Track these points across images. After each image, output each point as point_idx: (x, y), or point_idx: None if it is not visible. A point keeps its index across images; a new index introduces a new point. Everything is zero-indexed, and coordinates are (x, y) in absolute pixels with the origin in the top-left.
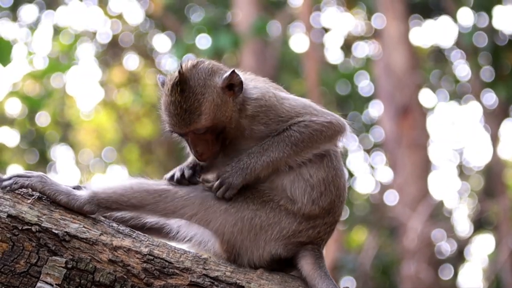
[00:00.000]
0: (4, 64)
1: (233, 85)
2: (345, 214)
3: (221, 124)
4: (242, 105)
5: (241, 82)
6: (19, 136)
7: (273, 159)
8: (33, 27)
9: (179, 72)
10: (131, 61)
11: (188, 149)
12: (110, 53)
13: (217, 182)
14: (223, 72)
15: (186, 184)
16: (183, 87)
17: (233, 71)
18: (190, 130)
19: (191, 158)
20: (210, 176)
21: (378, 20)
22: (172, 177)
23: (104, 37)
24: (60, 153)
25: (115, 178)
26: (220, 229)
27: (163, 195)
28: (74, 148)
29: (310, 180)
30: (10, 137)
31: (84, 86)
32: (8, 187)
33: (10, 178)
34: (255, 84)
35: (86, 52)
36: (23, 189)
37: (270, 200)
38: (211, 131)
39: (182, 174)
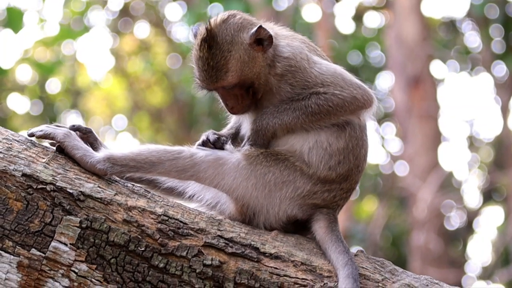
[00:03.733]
0: (16, 31)
1: (262, 40)
2: None
3: (249, 79)
4: (272, 62)
5: (270, 37)
6: (30, 103)
7: (286, 123)
8: None
9: (207, 28)
10: (142, 29)
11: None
12: (121, 21)
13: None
14: (251, 27)
15: (211, 148)
16: (211, 44)
17: (260, 26)
18: (217, 87)
19: (229, 126)
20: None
21: None
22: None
23: (116, 5)
24: (70, 121)
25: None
26: (234, 185)
27: (181, 153)
28: (84, 116)
29: (328, 148)
30: (20, 104)
31: (95, 54)
32: (33, 134)
33: (39, 127)
34: (288, 42)
35: (97, 20)
36: (41, 146)
37: (286, 159)
38: (239, 86)
39: (207, 138)
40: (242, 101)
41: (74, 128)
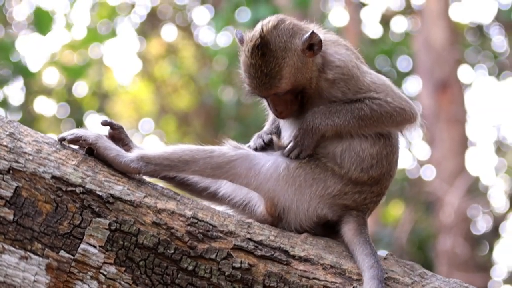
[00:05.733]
0: (44, 34)
1: (313, 45)
2: None
3: (301, 85)
4: (322, 68)
5: (320, 41)
6: (57, 106)
7: (337, 124)
8: None
9: (261, 35)
10: (169, 32)
11: (268, 109)
12: (149, 24)
13: (290, 145)
14: (303, 33)
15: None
16: (264, 51)
17: (313, 32)
18: (270, 94)
19: (268, 124)
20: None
21: None
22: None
23: (143, 9)
24: (97, 124)
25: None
26: (264, 180)
27: (213, 152)
28: (111, 119)
29: (361, 153)
30: (47, 106)
31: (122, 57)
32: (64, 138)
33: (69, 131)
34: (336, 49)
35: (124, 23)
36: (73, 145)
37: (317, 159)
38: (291, 92)
39: (263, 140)
40: (291, 106)
41: (106, 123)
